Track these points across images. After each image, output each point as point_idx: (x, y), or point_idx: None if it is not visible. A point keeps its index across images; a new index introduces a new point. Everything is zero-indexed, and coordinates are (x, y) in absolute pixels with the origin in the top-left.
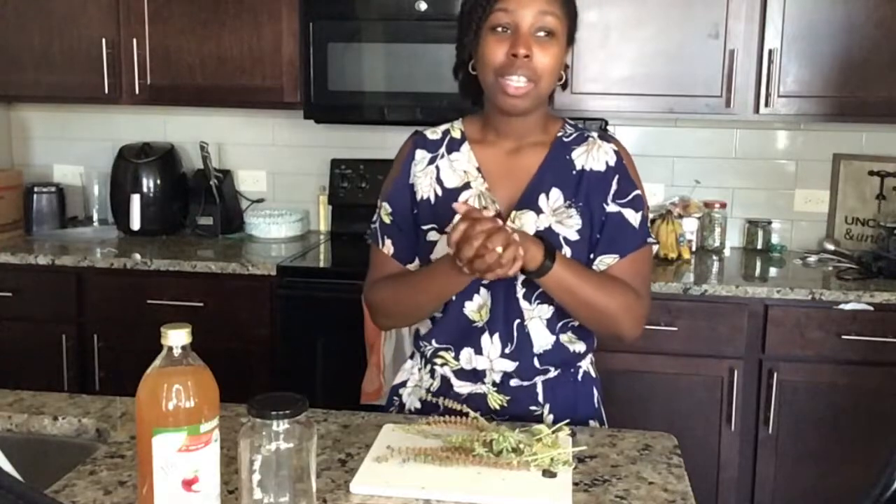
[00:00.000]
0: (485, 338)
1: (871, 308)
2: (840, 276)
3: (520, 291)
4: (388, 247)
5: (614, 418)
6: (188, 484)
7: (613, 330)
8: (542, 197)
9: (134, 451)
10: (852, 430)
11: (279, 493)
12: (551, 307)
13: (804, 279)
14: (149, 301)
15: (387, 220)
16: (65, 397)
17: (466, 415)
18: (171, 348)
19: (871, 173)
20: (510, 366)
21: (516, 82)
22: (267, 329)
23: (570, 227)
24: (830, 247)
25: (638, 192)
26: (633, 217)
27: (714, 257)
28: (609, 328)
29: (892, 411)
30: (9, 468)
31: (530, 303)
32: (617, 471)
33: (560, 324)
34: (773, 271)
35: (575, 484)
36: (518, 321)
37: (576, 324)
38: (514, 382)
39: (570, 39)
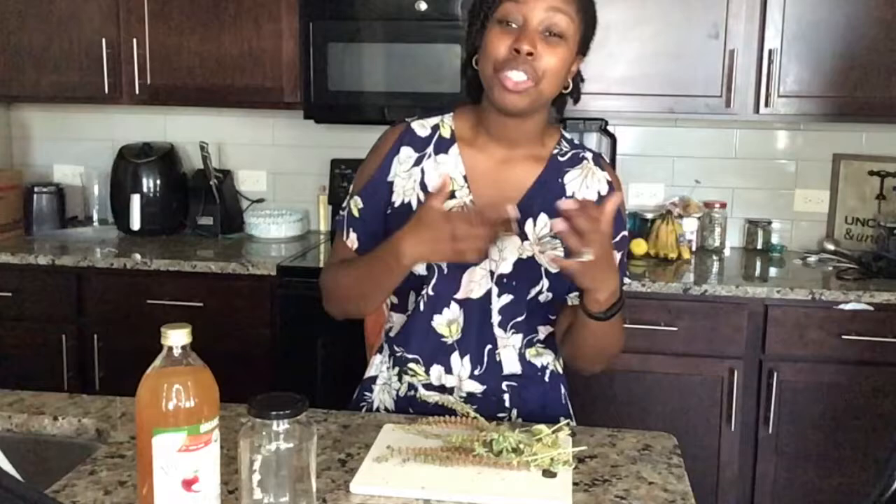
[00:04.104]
0: (455, 357)
1: (871, 308)
2: (840, 276)
3: (495, 318)
4: (352, 240)
5: (614, 418)
6: (188, 484)
7: (600, 363)
8: (529, 222)
9: (134, 451)
10: (852, 430)
11: (279, 493)
12: (524, 337)
13: (804, 279)
14: (149, 301)
15: (356, 213)
16: (65, 397)
17: (466, 415)
18: (171, 348)
19: (871, 173)
20: (478, 388)
21: (516, 77)
22: (267, 329)
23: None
24: (830, 247)
25: (625, 232)
26: (615, 258)
27: (714, 257)
28: (601, 362)
29: (892, 411)
30: (9, 468)
31: (505, 331)
32: (617, 471)
33: (525, 341)
34: (773, 271)
35: (575, 484)
36: (490, 347)
37: (541, 338)
38: (480, 395)
39: (584, 48)
